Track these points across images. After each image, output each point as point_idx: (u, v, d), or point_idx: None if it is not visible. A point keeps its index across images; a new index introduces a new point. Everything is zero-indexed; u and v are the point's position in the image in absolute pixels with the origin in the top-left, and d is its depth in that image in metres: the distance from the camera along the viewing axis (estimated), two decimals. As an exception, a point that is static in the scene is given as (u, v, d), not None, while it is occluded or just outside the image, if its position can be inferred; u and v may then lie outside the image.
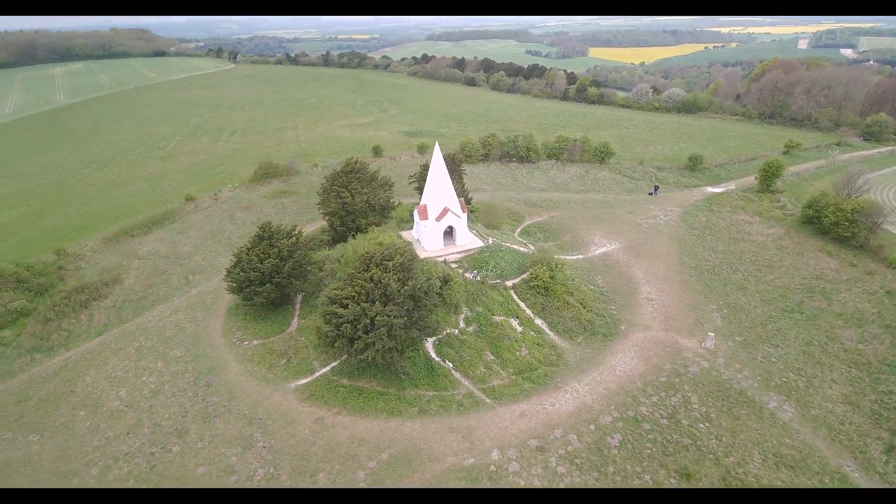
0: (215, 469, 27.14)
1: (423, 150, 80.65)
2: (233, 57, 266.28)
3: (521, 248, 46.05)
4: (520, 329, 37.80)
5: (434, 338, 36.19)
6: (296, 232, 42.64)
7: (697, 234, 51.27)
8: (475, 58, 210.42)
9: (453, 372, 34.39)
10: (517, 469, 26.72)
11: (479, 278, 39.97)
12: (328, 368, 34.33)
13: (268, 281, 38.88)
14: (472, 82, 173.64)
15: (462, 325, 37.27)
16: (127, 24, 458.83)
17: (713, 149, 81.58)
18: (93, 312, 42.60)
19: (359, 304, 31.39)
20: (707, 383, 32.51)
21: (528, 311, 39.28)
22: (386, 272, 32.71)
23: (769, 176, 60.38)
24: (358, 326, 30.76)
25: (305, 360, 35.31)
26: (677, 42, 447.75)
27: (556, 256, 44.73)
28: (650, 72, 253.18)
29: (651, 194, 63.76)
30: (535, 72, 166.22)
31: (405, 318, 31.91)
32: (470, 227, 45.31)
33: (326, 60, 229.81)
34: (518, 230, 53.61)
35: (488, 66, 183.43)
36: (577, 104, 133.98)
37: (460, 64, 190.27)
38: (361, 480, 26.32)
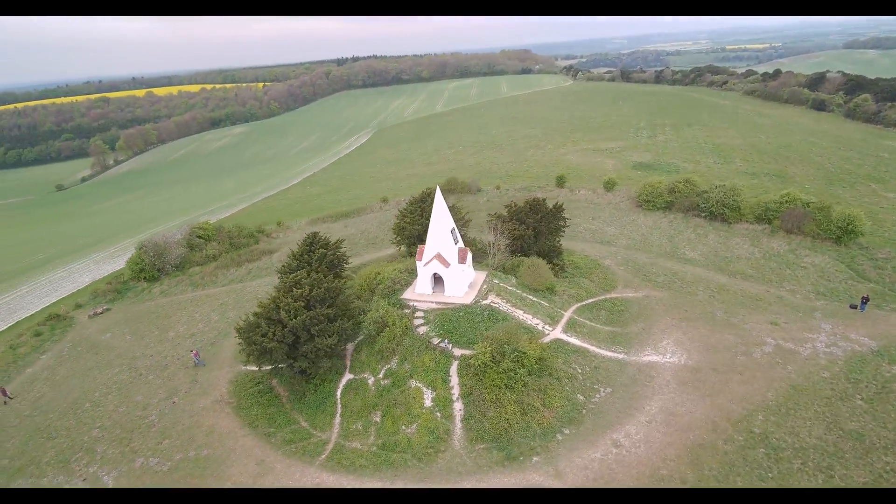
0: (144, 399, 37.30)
1: (611, 187, 71.38)
2: (573, 74, 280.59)
3: (530, 320, 38.66)
4: (428, 404, 33.42)
5: (352, 376, 36.44)
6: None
7: (863, 405, 29.84)
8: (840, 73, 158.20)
9: (336, 416, 34.26)
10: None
11: (448, 346, 36.22)
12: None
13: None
14: (820, 106, 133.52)
15: (381, 375, 35.81)
16: (512, 45, 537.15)
17: None
18: (240, 270, 60.04)
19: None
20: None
21: (455, 391, 33.95)
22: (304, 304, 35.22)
23: None
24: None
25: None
26: None
27: (543, 340, 36.04)
28: None
29: (854, 307, 39.61)
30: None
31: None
32: (494, 285, 41.09)
33: (658, 77, 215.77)
34: (582, 303, 43.85)
35: (855, 86, 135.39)
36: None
37: (816, 82, 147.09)
38: (154, 467, 31.46)
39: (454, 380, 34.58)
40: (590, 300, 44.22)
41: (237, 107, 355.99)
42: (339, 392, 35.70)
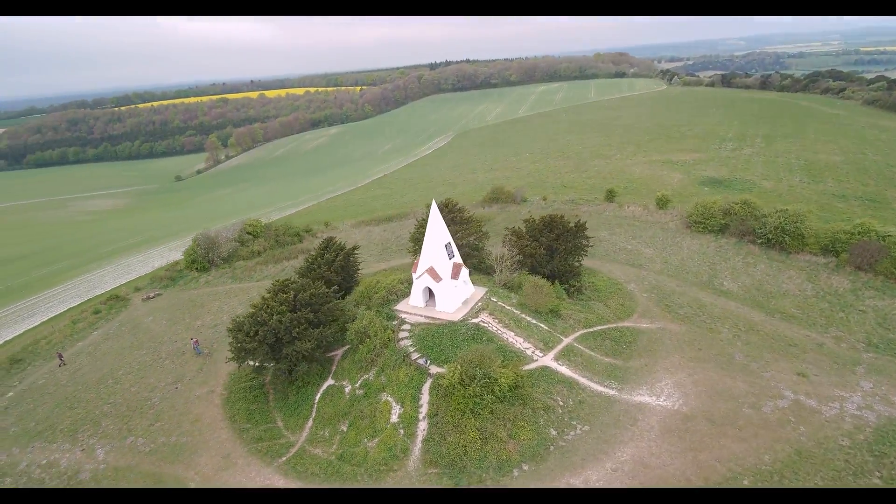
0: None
1: (664, 205, 65.97)
2: (669, 78, 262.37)
3: (519, 344, 36.91)
4: (394, 420, 33.09)
5: (332, 382, 37.14)
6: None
7: (880, 483, 24.79)
8: None
9: (309, 420, 35.11)
10: None
11: (426, 363, 35.74)
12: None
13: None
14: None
15: (358, 384, 36.06)
16: (610, 47, 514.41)
17: None
18: (277, 267, 63.50)
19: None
20: None
21: (423, 410, 33.28)
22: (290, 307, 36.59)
23: None
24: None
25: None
26: None
27: (528, 366, 34.16)
28: None
29: None
30: None
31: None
32: (491, 303, 40.01)
33: (764, 83, 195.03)
34: (589, 329, 40.96)
35: None
36: None
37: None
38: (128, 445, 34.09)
39: (424, 398, 33.95)
40: (598, 327, 41.20)
41: (335, 109, 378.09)
42: (317, 397, 36.57)
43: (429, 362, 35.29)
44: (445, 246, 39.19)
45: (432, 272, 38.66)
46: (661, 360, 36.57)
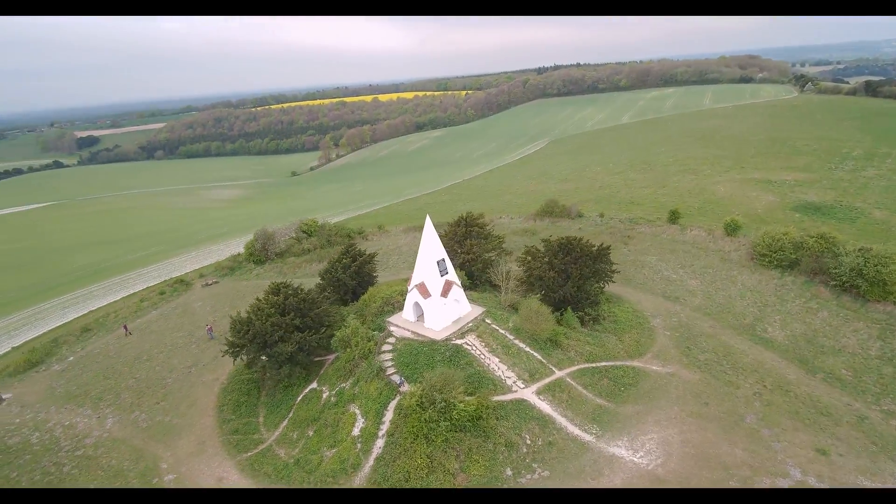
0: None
1: (733, 231, 58.34)
2: (802, 85, 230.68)
3: (501, 372, 34.94)
4: (355, 433, 33.01)
5: (314, 386, 38.06)
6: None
7: None
8: None
9: (285, 420, 36.33)
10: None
11: (399, 380, 35.06)
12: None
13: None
14: None
15: (334, 392, 36.50)
16: (740, 50, 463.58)
17: None
18: (321, 265, 66.41)
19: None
20: None
21: (384, 427, 32.76)
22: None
23: None
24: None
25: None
26: None
27: (504, 397, 32.23)
28: None
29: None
30: None
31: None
32: (483, 324, 38.63)
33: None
34: (591, 364, 37.51)
35: None
36: None
37: None
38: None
39: (388, 416, 33.45)
40: (602, 363, 37.69)
41: (439, 113, 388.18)
42: (299, 398, 37.76)
43: (401, 380, 34.78)
44: (438, 262, 38.27)
45: (422, 288, 38.02)
46: (656, 410, 32.45)
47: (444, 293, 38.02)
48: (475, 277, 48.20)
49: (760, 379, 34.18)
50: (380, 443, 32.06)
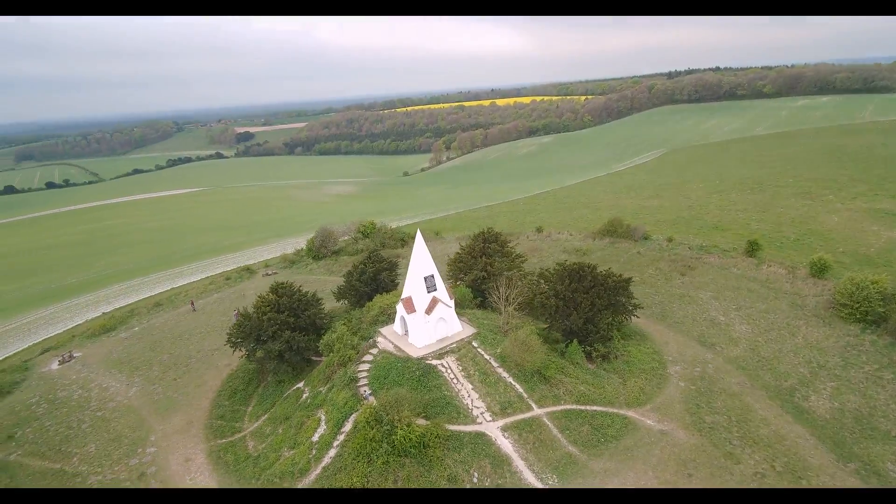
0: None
1: (820, 272, 48.74)
2: None
3: (469, 400, 33.04)
4: (315, 439, 33.32)
5: (300, 385, 39.24)
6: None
7: None
8: None
9: (265, 415, 37.94)
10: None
11: (367, 392, 34.86)
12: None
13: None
14: None
15: (313, 394, 37.22)
16: None
17: None
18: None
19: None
20: None
21: (340, 438, 32.60)
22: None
23: None
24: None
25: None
26: None
27: (464, 428, 30.44)
28: None
29: None
30: None
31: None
32: (467, 346, 37.13)
33: None
34: (578, 406, 33.80)
35: None
36: None
37: None
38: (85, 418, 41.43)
39: (347, 427, 33.40)
40: (591, 407, 33.91)
41: (554, 118, 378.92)
42: (285, 394, 39.28)
43: (369, 393, 34.52)
44: (426, 278, 37.29)
45: (407, 302, 37.33)
46: (627, 472, 28.30)
47: (429, 310, 36.91)
48: (487, 296, 46.10)
49: (771, 457, 28.08)
50: (332, 453, 32.04)
